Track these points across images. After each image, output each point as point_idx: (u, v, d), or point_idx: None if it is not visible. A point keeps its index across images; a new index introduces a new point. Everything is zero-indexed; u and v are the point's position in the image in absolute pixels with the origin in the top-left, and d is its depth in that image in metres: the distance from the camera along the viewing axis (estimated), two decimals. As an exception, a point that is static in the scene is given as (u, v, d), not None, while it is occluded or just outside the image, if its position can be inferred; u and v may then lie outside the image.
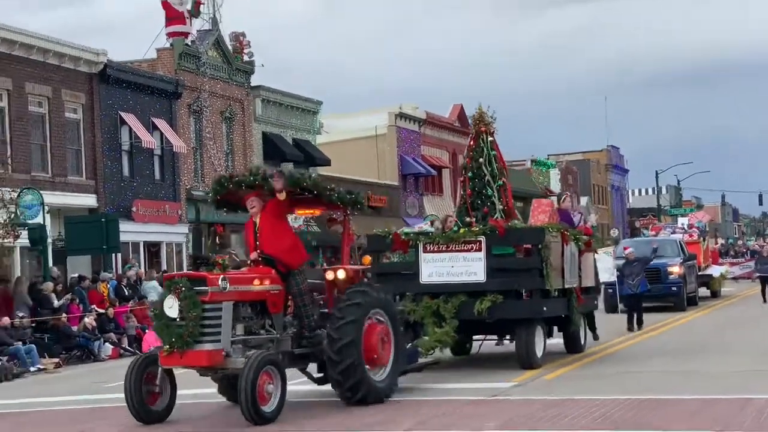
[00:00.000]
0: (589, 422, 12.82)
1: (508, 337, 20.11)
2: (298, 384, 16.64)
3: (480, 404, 14.88)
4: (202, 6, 44.92)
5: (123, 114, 38.93)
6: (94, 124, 37.75)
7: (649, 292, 28.72)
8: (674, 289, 34.19)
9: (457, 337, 18.57)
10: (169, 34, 43.34)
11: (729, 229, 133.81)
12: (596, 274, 22.73)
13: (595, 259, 22.32)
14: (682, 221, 48.67)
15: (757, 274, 39.62)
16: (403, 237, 19.00)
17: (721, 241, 67.25)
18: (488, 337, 20.61)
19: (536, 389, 16.23)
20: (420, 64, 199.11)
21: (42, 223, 30.94)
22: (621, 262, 29.12)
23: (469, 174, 19.87)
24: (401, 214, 58.39)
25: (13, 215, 29.60)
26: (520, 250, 19.52)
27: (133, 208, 38.94)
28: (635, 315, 27.25)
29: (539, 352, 18.76)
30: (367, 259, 16.93)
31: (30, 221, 30.37)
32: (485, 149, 19.81)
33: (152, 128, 40.34)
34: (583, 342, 21.05)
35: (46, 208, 31.48)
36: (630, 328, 26.61)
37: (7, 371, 23.65)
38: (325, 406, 15.25)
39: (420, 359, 17.74)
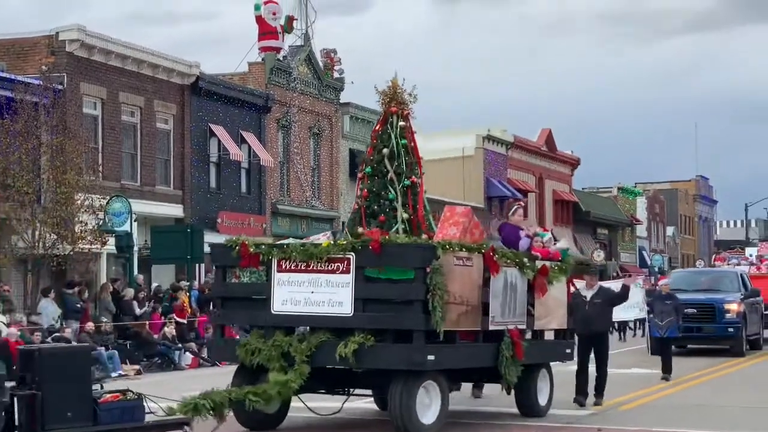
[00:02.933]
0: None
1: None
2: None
3: (555, 431, 14.72)
4: (295, 22, 45.30)
5: (213, 126, 39.36)
6: (184, 135, 38.23)
7: (678, 339, 24.17)
8: (731, 330, 29.15)
9: (296, 387, 13.56)
10: (262, 49, 43.78)
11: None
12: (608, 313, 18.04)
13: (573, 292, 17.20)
14: (751, 252, 42.96)
15: None
16: (252, 249, 14.18)
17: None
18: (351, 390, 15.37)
19: (613, 419, 16.03)
20: (512, 87, 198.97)
21: (129, 231, 31.36)
22: (651, 297, 24.90)
23: (368, 169, 15.18)
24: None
25: (101, 222, 30.13)
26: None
27: (219, 220, 39.29)
28: (669, 359, 22.57)
29: (427, 419, 13.64)
30: None
31: (118, 228, 30.81)
32: (392, 137, 15.06)
33: (240, 141, 40.72)
34: (544, 402, 16.12)
35: (134, 216, 31.91)
36: (664, 377, 22.16)
37: (88, 375, 23.93)
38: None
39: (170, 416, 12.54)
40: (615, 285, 22.70)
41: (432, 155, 59.75)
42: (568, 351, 16.92)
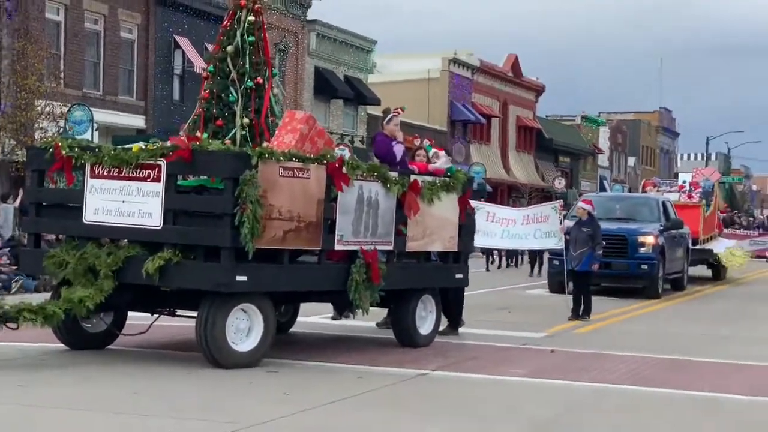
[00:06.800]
0: (615, 377, 12.78)
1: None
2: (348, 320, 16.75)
3: (509, 351, 14.87)
4: (264, -65, 44.75)
5: (177, 37, 39.01)
6: (148, 45, 37.86)
7: (593, 273, 19.53)
8: (644, 267, 24.53)
9: (93, 305, 12.08)
10: (229, -39, 43.24)
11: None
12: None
13: (470, 212, 15.53)
14: (684, 178, 36.46)
15: None
16: (65, 152, 12.61)
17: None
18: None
19: (567, 341, 16.17)
20: (487, 15, 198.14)
21: (90, 139, 31.08)
22: (572, 222, 20.32)
23: (210, 68, 13.84)
24: (447, 159, 58.31)
25: (61, 130, 29.88)
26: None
27: (180, 132, 38.87)
28: (581, 298, 19.27)
29: (244, 345, 12.22)
30: None
31: (78, 137, 30.52)
32: (237, 33, 13.68)
33: (205, 53, 40.37)
34: (426, 332, 14.81)
35: (95, 125, 31.66)
36: (573, 316, 19.07)
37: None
38: (359, 342, 15.31)
39: None
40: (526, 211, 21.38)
41: (397, 77, 59.77)
42: (460, 276, 15.39)
